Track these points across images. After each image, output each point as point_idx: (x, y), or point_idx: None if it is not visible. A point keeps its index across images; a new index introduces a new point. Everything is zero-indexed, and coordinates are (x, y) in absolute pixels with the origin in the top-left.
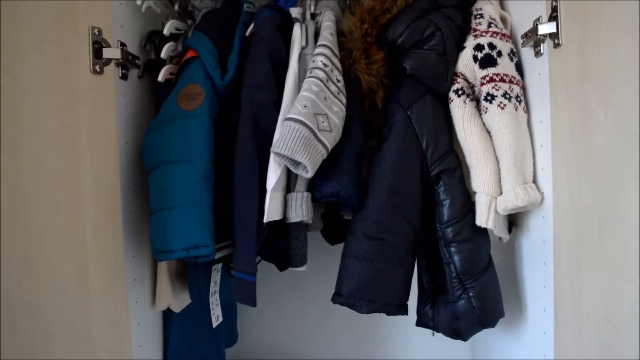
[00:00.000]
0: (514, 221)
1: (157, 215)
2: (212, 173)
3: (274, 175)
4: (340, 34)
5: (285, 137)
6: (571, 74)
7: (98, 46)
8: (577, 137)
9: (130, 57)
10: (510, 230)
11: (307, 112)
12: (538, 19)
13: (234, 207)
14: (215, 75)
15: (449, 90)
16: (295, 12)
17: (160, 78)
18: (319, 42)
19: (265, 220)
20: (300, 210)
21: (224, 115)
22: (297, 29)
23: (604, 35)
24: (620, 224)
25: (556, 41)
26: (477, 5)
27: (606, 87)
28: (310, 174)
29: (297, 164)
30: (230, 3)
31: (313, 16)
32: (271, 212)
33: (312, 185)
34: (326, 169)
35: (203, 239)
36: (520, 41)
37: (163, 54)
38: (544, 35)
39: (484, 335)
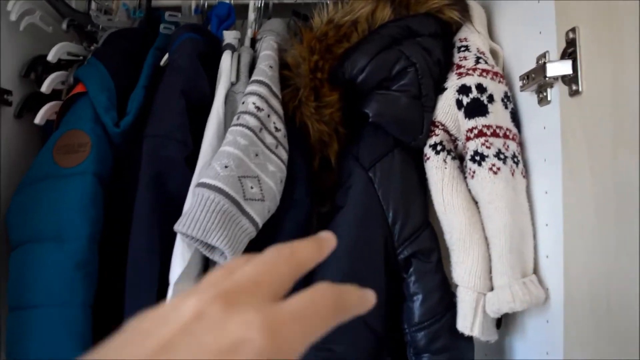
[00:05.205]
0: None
1: (14, 315)
2: (92, 257)
3: (180, 261)
4: (284, 66)
5: (196, 212)
6: (598, 131)
7: None
8: (606, 219)
9: None
10: (498, 326)
11: (229, 175)
12: (544, 55)
13: (124, 306)
14: (107, 119)
15: (424, 144)
16: (230, 36)
17: (38, 120)
18: (253, 78)
19: None
20: None
21: (122, 172)
22: (226, 59)
23: None
24: None
25: (574, 87)
26: (462, 34)
27: None
28: None
29: (212, 247)
30: (148, 23)
31: (253, 43)
32: None
33: None
34: (257, 251)
35: (67, 353)
36: (517, 83)
37: (44, 88)
38: (554, 78)
39: None
